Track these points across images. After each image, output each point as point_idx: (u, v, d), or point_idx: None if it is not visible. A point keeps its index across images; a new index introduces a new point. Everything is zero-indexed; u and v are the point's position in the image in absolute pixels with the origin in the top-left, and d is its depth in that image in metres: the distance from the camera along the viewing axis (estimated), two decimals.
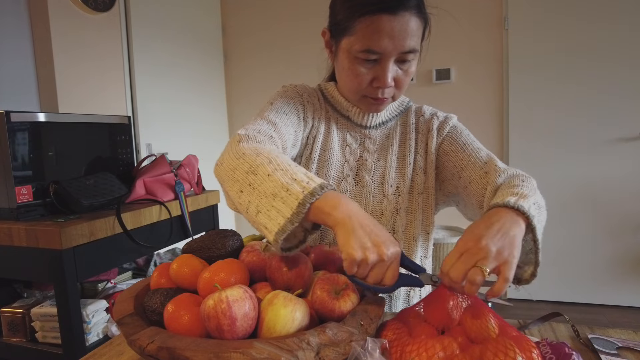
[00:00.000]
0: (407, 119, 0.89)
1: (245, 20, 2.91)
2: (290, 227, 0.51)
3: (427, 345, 0.48)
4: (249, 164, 0.59)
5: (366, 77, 0.75)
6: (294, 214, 0.51)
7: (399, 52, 0.71)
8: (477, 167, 0.78)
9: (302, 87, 0.89)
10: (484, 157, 0.80)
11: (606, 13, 2.24)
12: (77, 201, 1.24)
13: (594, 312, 2.35)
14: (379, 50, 0.70)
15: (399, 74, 0.75)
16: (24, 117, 1.19)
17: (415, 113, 0.90)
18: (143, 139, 2.15)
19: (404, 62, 0.74)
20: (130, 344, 0.47)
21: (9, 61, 1.63)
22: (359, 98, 0.80)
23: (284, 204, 0.52)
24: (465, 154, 0.82)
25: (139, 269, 1.68)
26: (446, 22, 2.50)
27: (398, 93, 0.79)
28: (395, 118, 0.89)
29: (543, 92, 2.39)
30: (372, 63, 0.73)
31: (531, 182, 0.70)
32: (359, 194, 0.85)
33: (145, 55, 2.17)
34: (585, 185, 2.37)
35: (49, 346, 1.22)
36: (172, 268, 0.60)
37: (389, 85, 0.74)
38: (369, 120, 0.86)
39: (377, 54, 0.71)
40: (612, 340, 0.62)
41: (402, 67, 0.75)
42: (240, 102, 3.01)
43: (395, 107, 0.89)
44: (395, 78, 0.75)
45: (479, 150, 0.82)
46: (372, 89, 0.76)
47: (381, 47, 0.70)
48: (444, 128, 0.86)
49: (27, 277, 1.31)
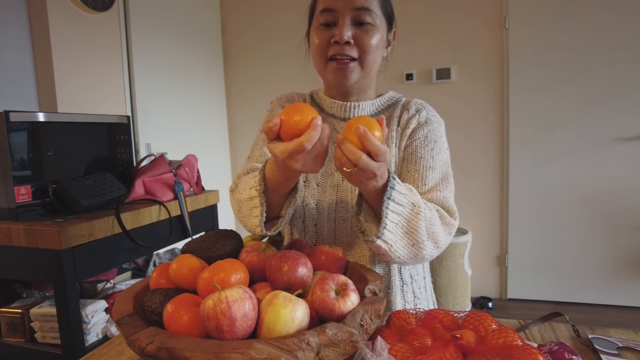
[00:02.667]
0: (394, 111, 0.87)
1: (245, 19, 2.90)
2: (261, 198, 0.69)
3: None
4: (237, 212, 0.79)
5: (326, 37, 0.77)
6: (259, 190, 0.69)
7: (351, 7, 0.75)
8: (415, 185, 0.78)
9: (288, 97, 0.91)
10: (429, 182, 0.79)
11: (606, 12, 2.24)
12: (76, 201, 1.24)
13: (595, 312, 2.35)
14: (331, 6, 0.75)
15: (358, 33, 0.76)
16: (23, 116, 1.19)
17: (402, 106, 0.87)
18: (142, 138, 2.15)
19: (362, 23, 0.76)
20: (130, 344, 0.47)
21: (8, 60, 1.62)
22: (324, 65, 0.80)
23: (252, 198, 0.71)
24: (414, 167, 0.80)
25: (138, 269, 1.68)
26: (446, 21, 2.50)
27: (365, 55, 0.77)
28: (381, 112, 0.87)
29: (543, 92, 2.38)
30: (332, 27, 0.77)
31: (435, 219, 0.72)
32: (344, 189, 0.84)
33: (144, 54, 2.17)
34: (586, 184, 2.37)
35: (48, 346, 1.22)
36: (171, 268, 0.60)
37: (346, 39, 0.75)
38: (351, 112, 0.85)
39: (332, 12, 0.76)
40: (613, 340, 0.62)
41: (360, 28, 0.76)
42: (240, 101, 3.00)
43: (383, 102, 0.88)
44: (354, 36, 0.76)
45: (431, 170, 0.79)
46: (332, 47, 0.77)
47: (333, 4, 0.75)
48: (417, 132, 0.83)
49: (26, 278, 1.30)
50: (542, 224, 2.46)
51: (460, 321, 0.60)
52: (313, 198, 0.85)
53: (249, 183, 0.73)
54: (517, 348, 0.49)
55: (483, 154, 2.52)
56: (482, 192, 2.55)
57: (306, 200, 0.86)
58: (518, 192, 2.49)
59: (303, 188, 0.86)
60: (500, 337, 0.52)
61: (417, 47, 2.54)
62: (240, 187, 0.78)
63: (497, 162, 2.51)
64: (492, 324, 0.56)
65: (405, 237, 0.68)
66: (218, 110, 2.94)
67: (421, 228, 0.68)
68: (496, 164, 2.52)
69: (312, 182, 0.86)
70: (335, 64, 0.78)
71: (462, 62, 2.51)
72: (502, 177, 2.52)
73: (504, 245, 2.55)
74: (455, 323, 0.60)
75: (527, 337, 0.65)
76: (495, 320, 0.57)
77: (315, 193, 0.85)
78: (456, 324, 0.59)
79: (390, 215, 0.65)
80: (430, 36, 2.53)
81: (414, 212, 0.67)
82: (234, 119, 3.03)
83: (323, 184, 0.85)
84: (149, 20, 2.20)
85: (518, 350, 0.48)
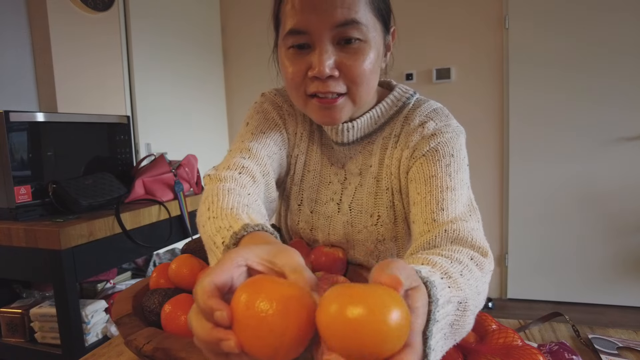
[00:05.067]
0: (394, 127, 0.69)
1: (245, 19, 2.90)
2: None
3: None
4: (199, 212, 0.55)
5: (301, 67, 0.57)
6: None
7: (330, 25, 0.54)
8: (429, 210, 0.57)
9: (282, 97, 0.75)
10: (450, 208, 0.58)
11: (607, 12, 2.24)
12: (76, 201, 1.24)
13: (595, 312, 2.34)
14: (303, 28, 0.55)
15: (343, 58, 0.56)
16: (22, 116, 1.19)
17: (404, 119, 0.68)
18: (142, 138, 2.15)
19: (348, 42, 0.55)
20: (127, 344, 0.47)
21: (8, 60, 1.62)
22: (304, 103, 0.61)
23: (214, 258, 0.47)
24: (425, 189, 0.60)
25: (138, 269, 1.68)
26: (446, 21, 2.49)
27: (355, 88, 0.58)
28: (381, 128, 0.70)
29: (543, 92, 2.38)
30: (307, 50, 0.57)
31: (480, 284, 0.47)
32: (339, 222, 0.73)
33: (144, 54, 2.17)
34: (586, 184, 2.37)
35: (48, 346, 1.22)
36: (170, 268, 0.60)
37: (327, 73, 0.55)
38: (345, 136, 0.68)
39: (305, 34, 0.55)
40: (613, 340, 0.62)
41: (346, 49, 0.56)
42: (240, 101, 3.00)
43: (385, 111, 0.68)
44: (339, 64, 0.56)
45: (449, 192, 0.58)
46: (312, 84, 0.58)
47: (303, 22, 0.55)
48: (422, 147, 0.63)
49: (26, 278, 1.30)
50: (543, 224, 2.46)
51: None
52: (307, 224, 0.76)
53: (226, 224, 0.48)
54: (517, 348, 0.49)
55: (483, 153, 2.51)
56: (482, 192, 2.55)
57: (300, 225, 0.78)
58: (518, 192, 2.48)
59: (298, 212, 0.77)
60: (500, 337, 0.52)
61: (417, 47, 2.54)
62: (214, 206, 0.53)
63: (497, 161, 2.51)
64: (492, 324, 0.56)
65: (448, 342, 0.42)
66: (218, 110, 2.94)
67: (470, 322, 0.44)
68: (496, 164, 2.52)
69: (305, 208, 0.76)
70: (318, 103, 0.59)
71: (462, 62, 2.51)
72: (502, 177, 2.51)
73: (504, 245, 2.55)
74: None
75: (527, 337, 0.65)
76: (495, 320, 0.57)
77: (310, 219, 0.76)
78: None
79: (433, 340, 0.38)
80: (430, 36, 2.53)
81: (461, 310, 0.43)
82: (234, 119, 3.03)
83: (317, 211, 0.75)
84: (148, 20, 2.20)
85: (518, 350, 0.48)
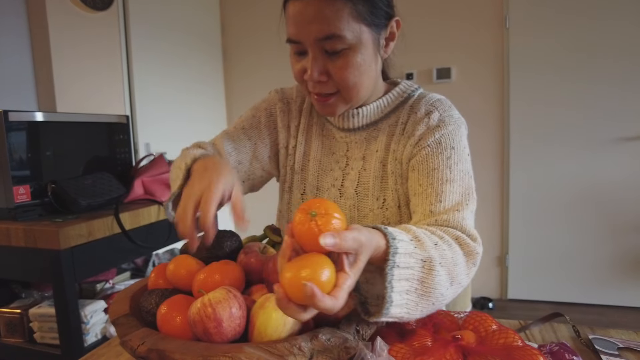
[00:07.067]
0: (400, 115, 0.75)
1: (245, 19, 2.90)
2: (178, 191, 0.63)
3: None
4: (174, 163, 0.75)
5: (301, 68, 0.68)
6: (183, 178, 0.64)
7: (314, 38, 0.63)
8: (428, 202, 0.64)
9: (287, 93, 0.84)
10: (447, 199, 0.65)
11: (607, 12, 2.23)
12: (75, 201, 1.24)
13: (595, 313, 2.34)
14: (295, 38, 0.65)
15: (330, 65, 0.65)
16: (21, 116, 1.19)
17: (410, 108, 0.74)
18: (141, 138, 2.14)
19: (335, 52, 0.64)
20: (123, 345, 0.46)
21: (7, 60, 1.62)
22: (308, 94, 0.72)
23: (178, 179, 0.65)
24: (427, 181, 0.66)
25: (137, 270, 1.68)
26: (447, 21, 2.49)
27: (344, 90, 0.67)
28: (387, 116, 0.76)
29: (544, 91, 2.38)
30: (304, 55, 0.67)
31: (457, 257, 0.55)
32: (344, 207, 0.76)
33: (143, 54, 2.16)
34: (586, 184, 2.36)
35: (47, 347, 1.22)
36: (168, 269, 0.59)
37: (316, 78, 0.65)
38: (350, 122, 0.76)
39: (298, 43, 0.66)
40: (613, 340, 0.62)
41: (334, 57, 0.65)
42: (240, 101, 3.00)
43: (391, 101, 0.76)
44: (327, 70, 0.65)
45: (449, 184, 0.65)
46: (308, 82, 0.68)
47: (296, 34, 0.65)
48: (427, 138, 0.69)
49: (25, 278, 1.30)
50: (543, 224, 2.45)
51: (461, 322, 0.59)
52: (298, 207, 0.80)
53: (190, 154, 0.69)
54: (517, 349, 0.49)
55: (483, 153, 2.51)
56: (483, 192, 2.54)
57: (291, 207, 0.82)
58: (518, 192, 2.48)
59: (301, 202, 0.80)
60: (500, 338, 0.52)
61: (417, 47, 2.54)
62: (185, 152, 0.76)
63: (497, 161, 2.51)
64: (492, 325, 0.55)
65: (423, 300, 0.51)
66: (217, 110, 2.93)
67: (440, 283, 0.51)
68: (496, 164, 2.51)
69: (295, 192, 0.82)
70: (317, 98, 0.70)
71: (462, 61, 2.50)
72: (503, 177, 2.51)
73: (505, 245, 2.55)
74: (455, 323, 0.59)
75: (527, 337, 0.64)
76: (495, 321, 0.56)
77: (300, 202, 0.79)
78: (456, 324, 0.59)
79: (396, 286, 0.48)
80: (430, 36, 2.53)
81: (426, 269, 0.50)
82: (234, 119, 3.02)
83: (309, 194, 0.80)
84: (148, 20, 2.20)
85: (518, 351, 0.48)
